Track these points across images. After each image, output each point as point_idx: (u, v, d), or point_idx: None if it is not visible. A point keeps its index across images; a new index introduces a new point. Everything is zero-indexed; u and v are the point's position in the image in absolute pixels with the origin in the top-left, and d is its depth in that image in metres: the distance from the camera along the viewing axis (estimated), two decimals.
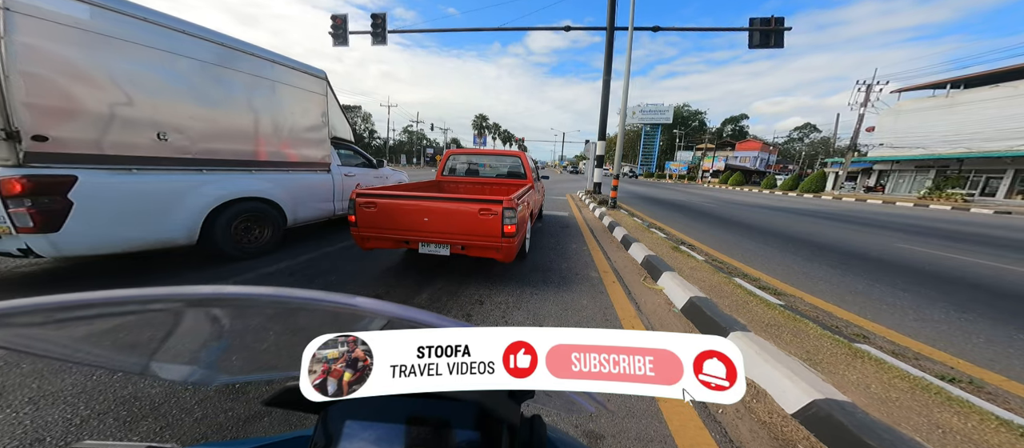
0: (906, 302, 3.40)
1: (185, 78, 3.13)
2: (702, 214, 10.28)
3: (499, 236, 2.78)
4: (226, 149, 3.51)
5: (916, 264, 4.99)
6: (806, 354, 2.02)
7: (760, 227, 8.03)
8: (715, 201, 15.38)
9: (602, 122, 10.78)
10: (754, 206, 13.79)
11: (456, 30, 12.64)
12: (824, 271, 4.45)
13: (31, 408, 1.43)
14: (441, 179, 5.26)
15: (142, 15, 2.81)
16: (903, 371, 1.88)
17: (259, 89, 3.78)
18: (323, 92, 4.58)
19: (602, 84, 10.71)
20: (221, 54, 3.40)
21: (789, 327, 2.37)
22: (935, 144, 24.43)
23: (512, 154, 5.53)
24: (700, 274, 3.55)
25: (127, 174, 2.82)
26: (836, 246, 6.05)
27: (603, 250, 4.96)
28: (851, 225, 9.00)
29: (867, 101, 25.14)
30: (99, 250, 2.75)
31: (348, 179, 5.09)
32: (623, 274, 3.91)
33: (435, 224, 2.89)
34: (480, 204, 2.79)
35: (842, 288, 3.79)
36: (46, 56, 2.37)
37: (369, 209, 2.96)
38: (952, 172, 24.29)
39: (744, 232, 7.25)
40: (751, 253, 5.32)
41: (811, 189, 25.08)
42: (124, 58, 2.73)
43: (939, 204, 17.93)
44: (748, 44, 10.27)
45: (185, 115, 3.14)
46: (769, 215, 10.67)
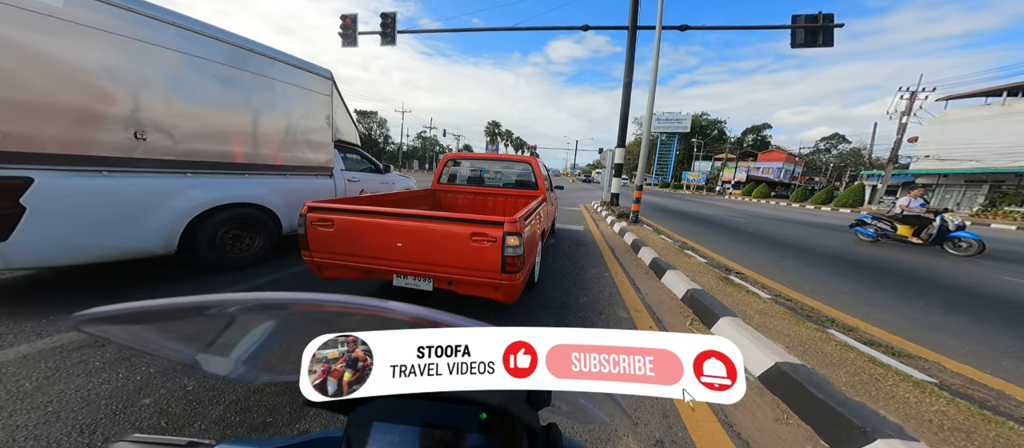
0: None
1: (167, 72, 2.82)
2: (735, 230, 9.13)
3: (498, 270, 1.99)
4: (215, 150, 3.21)
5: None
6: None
7: (810, 248, 6.87)
8: (744, 215, 14.08)
9: (622, 128, 9.83)
10: (789, 221, 12.47)
11: (466, 30, 12.03)
12: (938, 318, 3.35)
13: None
14: (437, 188, 4.55)
15: (121, 3, 2.51)
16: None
17: (256, 87, 3.47)
18: (328, 93, 4.27)
19: (623, 87, 9.81)
20: (212, 48, 3.09)
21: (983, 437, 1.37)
22: (990, 157, 22.22)
23: (522, 159, 4.68)
24: (776, 321, 2.56)
25: (96, 176, 2.51)
26: (928, 278, 4.88)
27: (629, 277, 4.01)
28: (919, 250, 7.69)
29: (911, 109, 23.27)
30: (58, 261, 2.42)
31: (352, 184, 4.83)
32: (660, 312, 2.96)
33: (412, 250, 2.13)
34: (473, 226, 2.00)
35: (986, 347, 2.71)
36: (6, 45, 2.08)
37: (324, 227, 2.21)
38: (1008, 188, 22.00)
39: (793, 254, 6.13)
40: (821, 285, 4.25)
41: (848, 203, 23.19)
42: (96, 48, 2.42)
43: (1000, 223, 16.01)
44: (791, 44, 9.16)
45: (166, 112, 2.83)
46: (814, 233, 9.42)
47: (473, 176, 4.79)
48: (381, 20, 11.20)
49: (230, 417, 1.46)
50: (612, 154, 11.75)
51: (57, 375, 1.65)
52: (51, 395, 1.52)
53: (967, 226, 7.06)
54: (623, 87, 9.88)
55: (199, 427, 1.41)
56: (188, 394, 1.56)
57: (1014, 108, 21.85)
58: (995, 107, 22.80)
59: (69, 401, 1.49)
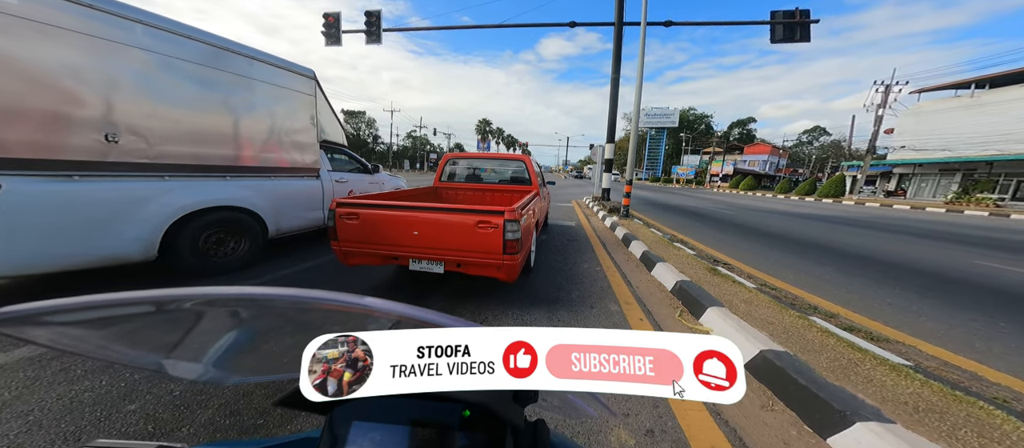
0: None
1: (137, 73, 2.73)
2: (724, 223, 9.32)
3: (500, 252, 2.38)
4: (194, 153, 3.12)
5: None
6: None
7: (796, 239, 7.06)
8: (732, 207, 14.37)
9: (611, 124, 9.92)
10: (776, 212, 12.78)
11: (454, 28, 11.94)
12: (916, 302, 3.48)
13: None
14: (439, 185, 4.88)
15: (81, 0, 2.41)
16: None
17: (235, 88, 3.39)
18: (311, 92, 4.19)
19: (611, 83, 9.89)
20: (185, 47, 3.00)
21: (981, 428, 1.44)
22: (961, 146, 23.14)
23: (516, 158, 5.13)
24: (761, 310, 2.63)
25: (67, 181, 2.43)
26: (906, 265, 5.07)
27: (620, 270, 4.06)
28: (899, 236, 7.98)
29: (886, 102, 24.02)
30: (30, 270, 2.35)
31: (340, 185, 4.76)
32: (650, 305, 3.01)
33: (427, 238, 2.51)
34: (478, 215, 2.40)
35: (966, 331, 2.84)
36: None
37: (351, 221, 2.58)
38: (980, 176, 22.96)
39: (781, 245, 6.30)
40: (805, 274, 4.38)
41: (830, 194, 23.86)
42: (59, 48, 2.34)
43: (973, 209, 16.70)
44: (771, 39, 9.37)
45: (139, 114, 2.75)
46: (799, 224, 9.68)
47: (471, 174, 5.08)
48: (366, 18, 11.02)
49: (219, 421, 1.44)
50: (602, 150, 11.84)
51: (37, 384, 1.61)
52: (32, 404, 1.49)
53: None
54: (611, 84, 9.96)
55: (188, 431, 1.39)
56: (175, 399, 1.54)
57: (982, 100, 22.77)
58: (965, 99, 23.73)
59: (51, 409, 1.47)
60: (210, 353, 0.44)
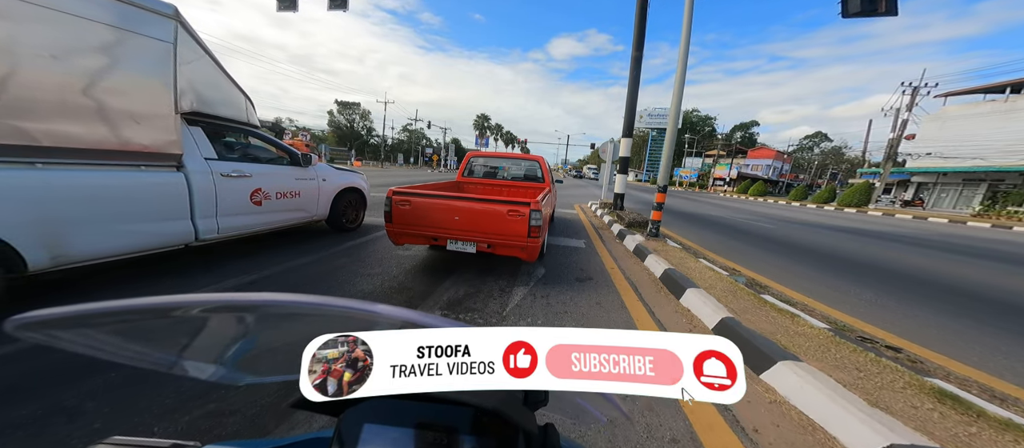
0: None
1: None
2: (774, 242, 7.51)
3: (525, 236, 2.88)
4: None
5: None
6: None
7: (871, 264, 5.24)
8: (761, 217, 12.61)
9: (628, 113, 8.06)
10: (812, 225, 11.05)
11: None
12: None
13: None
14: (462, 180, 5.47)
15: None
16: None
17: (15, 20, 2.01)
18: (168, 39, 2.73)
19: (631, 61, 8.04)
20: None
21: None
22: (993, 154, 21.56)
23: (531, 158, 5.85)
24: None
25: None
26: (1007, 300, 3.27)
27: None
28: (977, 259, 6.21)
29: (912, 105, 22.39)
30: None
31: (231, 180, 3.33)
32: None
33: (464, 223, 3.02)
34: (509, 205, 2.91)
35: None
36: None
37: (404, 207, 3.09)
38: (1008, 186, 21.41)
39: (849, 273, 4.45)
40: (948, 332, 2.54)
41: (853, 203, 22.21)
42: None
43: (1005, 223, 15.07)
44: (842, 13, 7.50)
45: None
46: (846, 241, 7.92)
47: (490, 171, 5.77)
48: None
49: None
50: (616, 146, 9.88)
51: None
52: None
53: None
54: (631, 62, 8.03)
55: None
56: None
57: (1017, 106, 21.19)
58: (998, 103, 22.16)
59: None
60: (224, 354, 0.47)
